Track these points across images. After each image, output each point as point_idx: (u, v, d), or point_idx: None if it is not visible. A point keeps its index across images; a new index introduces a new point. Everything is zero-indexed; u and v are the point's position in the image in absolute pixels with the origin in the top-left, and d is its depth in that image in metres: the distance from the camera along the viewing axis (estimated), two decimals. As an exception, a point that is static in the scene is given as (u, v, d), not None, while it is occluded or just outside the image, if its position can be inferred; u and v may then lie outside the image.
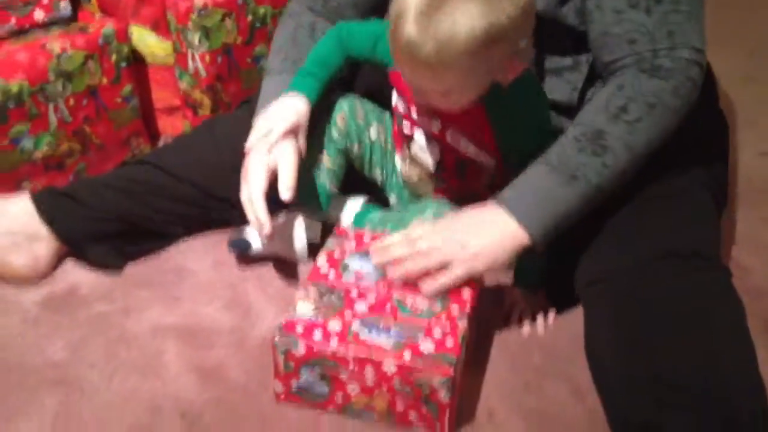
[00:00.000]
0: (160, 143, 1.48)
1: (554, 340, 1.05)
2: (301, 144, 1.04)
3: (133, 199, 1.14)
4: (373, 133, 1.13)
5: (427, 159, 1.06)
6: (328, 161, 1.10)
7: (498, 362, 1.01)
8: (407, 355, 0.86)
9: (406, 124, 1.07)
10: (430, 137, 1.04)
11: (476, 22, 0.82)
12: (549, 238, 0.93)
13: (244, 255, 1.14)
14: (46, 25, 1.33)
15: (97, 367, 0.99)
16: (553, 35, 1.01)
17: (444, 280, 0.92)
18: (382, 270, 0.95)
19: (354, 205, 1.14)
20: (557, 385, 0.98)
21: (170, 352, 1.01)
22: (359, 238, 1.02)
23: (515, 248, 0.92)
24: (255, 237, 1.11)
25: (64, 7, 1.35)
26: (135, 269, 1.15)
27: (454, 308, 0.92)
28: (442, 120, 1.00)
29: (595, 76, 1.03)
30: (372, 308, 0.91)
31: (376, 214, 1.13)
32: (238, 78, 1.44)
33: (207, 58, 1.38)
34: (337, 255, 0.99)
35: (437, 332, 0.89)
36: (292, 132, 1.02)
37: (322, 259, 0.99)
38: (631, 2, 0.93)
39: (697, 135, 1.08)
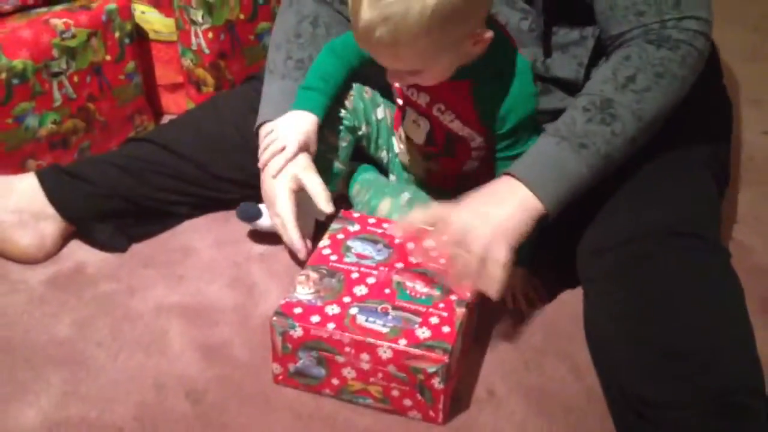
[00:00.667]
0: (163, 120, 1.49)
1: (555, 319, 1.06)
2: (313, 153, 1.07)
3: (135, 177, 1.15)
4: (380, 113, 1.14)
5: (418, 133, 1.06)
6: (336, 140, 1.11)
7: (498, 341, 1.02)
8: (402, 342, 0.87)
9: (399, 101, 1.08)
10: (420, 112, 1.04)
11: (428, 1, 0.84)
12: (561, 207, 0.93)
13: (251, 222, 1.13)
14: (49, 2, 1.33)
15: (103, 345, 1.00)
16: (561, 7, 1.01)
17: (499, 271, 0.89)
18: (384, 251, 0.96)
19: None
20: (557, 364, 1.00)
21: (174, 331, 1.03)
22: (363, 221, 1.03)
23: (534, 219, 0.92)
24: (266, 212, 1.11)
25: (67, -16, 1.35)
26: (140, 248, 1.17)
27: (453, 297, 0.92)
28: (429, 95, 1.01)
29: (599, 55, 1.03)
30: (371, 292, 0.92)
31: (368, 176, 1.15)
32: (242, 55, 1.44)
33: (210, 35, 1.38)
34: (341, 236, 1.00)
35: (434, 319, 0.90)
36: (305, 147, 1.04)
37: (325, 242, 1.00)
38: None
39: (701, 112, 1.08)
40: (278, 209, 1.04)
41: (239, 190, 1.17)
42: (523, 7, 1.03)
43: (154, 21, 1.44)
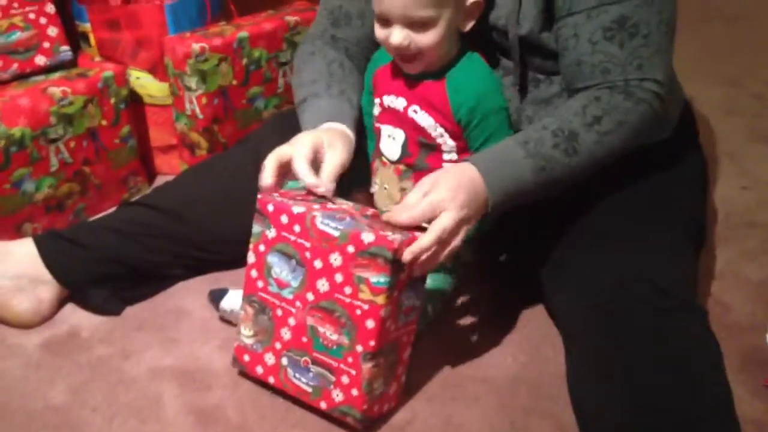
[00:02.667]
0: (157, 181, 1.52)
1: (539, 377, 1.08)
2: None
3: (132, 241, 1.17)
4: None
5: (393, 151, 1.09)
6: None
7: (485, 402, 1.04)
8: (323, 405, 0.97)
9: (377, 122, 1.11)
10: (394, 125, 1.08)
11: None
12: (496, 211, 0.97)
13: (218, 303, 1.15)
14: (47, 70, 1.38)
15: (98, 410, 1.02)
16: (536, 60, 1.06)
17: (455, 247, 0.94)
18: (298, 273, 0.96)
19: None
20: (542, 424, 1.02)
21: (168, 395, 1.05)
22: (277, 220, 0.97)
23: (480, 214, 0.97)
24: (236, 300, 1.12)
25: (65, 52, 1.40)
26: (133, 311, 1.19)
27: (359, 348, 0.94)
28: (406, 98, 1.06)
29: None
30: (293, 337, 0.98)
31: None
32: (234, 119, 1.48)
33: (203, 100, 1.42)
34: (262, 248, 0.99)
35: (345, 379, 0.95)
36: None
37: (251, 257, 1.00)
38: (606, 35, 0.99)
39: (677, 171, 1.13)
40: (293, 146, 0.99)
41: (235, 250, 1.18)
42: (505, 65, 1.08)
43: (149, 86, 1.48)
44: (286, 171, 0.99)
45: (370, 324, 0.92)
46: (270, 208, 0.97)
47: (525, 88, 1.09)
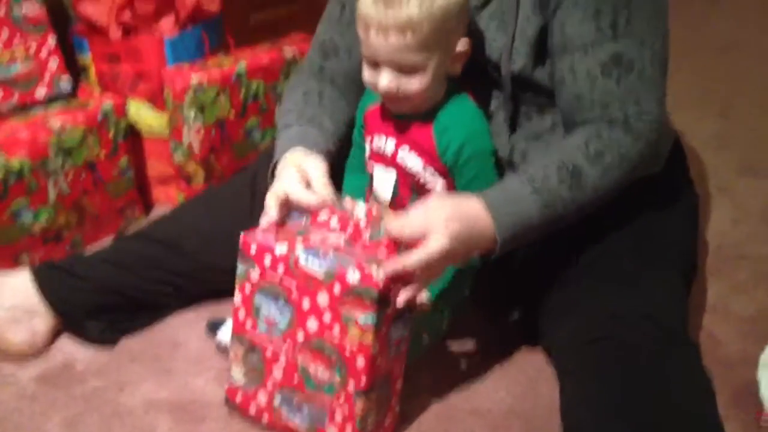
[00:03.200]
0: (154, 212, 1.54)
1: (532, 412, 1.09)
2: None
3: (129, 272, 1.18)
4: None
5: (385, 191, 1.11)
6: None
7: (479, 434, 1.05)
8: None
9: (369, 159, 1.13)
10: (386, 164, 1.09)
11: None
12: (503, 248, 0.98)
13: (216, 332, 1.16)
14: (47, 102, 1.39)
15: (92, 443, 1.02)
16: (527, 93, 1.08)
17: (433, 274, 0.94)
18: (287, 312, 0.97)
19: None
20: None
21: (162, 427, 1.05)
22: (260, 260, 0.98)
23: (483, 248, 0.97)
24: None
25: (65, 84, 1.41)
26: (128, 342, 1.20)
27: (351, 386, 0.94)
28: (396, 138, 1.07)
29: None
30: (285, 376, 0.98)
31: None
32: (231, 150, 1.50)
33: (201, 131, 1.44)
34: (247, 290, 0.99)
35: (338, 416, 0.95)
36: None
37: (237, 297, 1.00)
38: (603, 70, 1.00)
39: (669, 207, 1.15)
40: (283, 181, 1.01)
41: (231, 281, 1.19)
42: (497, 100, 1.10)
43: (147, 117, 1.50)
44: (287, 207, 1.00)
45: (361, 363, 0.93)
46: (253, 250, 0.97)
47: (517, 123, 1.10)
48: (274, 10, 2.13)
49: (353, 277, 0.91)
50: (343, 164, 1.18)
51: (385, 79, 0.99)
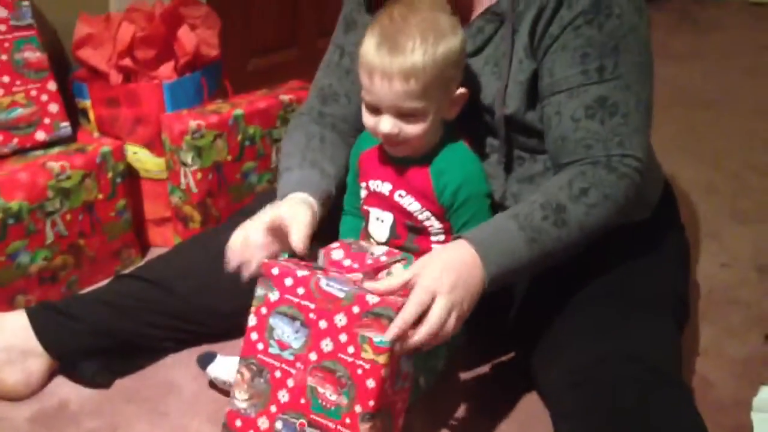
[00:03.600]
0: (150, 254, 1.54)
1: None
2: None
3: (124, 314, 1.18)
4: None
5: (381, 234, 1.12)
6: None
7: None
8: None
9: (365, 206, 1.14)
10: (383, 208, 1.11)
11: (439, 48, 0.99)
12: (493, 286, 0.99)
13: (207, 366, 1.16)
14: (47, 145, 1.41)
15: (85, 485, 1.02)
16: (521, 137, 1.10)
17: (448, 329, 0.94)
18: (301, 334, 0.97)
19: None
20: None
21: (156, 470, 1.04)
22: (281, 283, 0.99)
23: (476, 292, 0.98)
24: (224, 367, 1.14)
25: (65, 128, 1.43)
26: (123, 383, 1.19)
27: (358, 408, 0.94)
28: (392, 182, 1.09)
29: None
30: (291, 399, 0.97)
31: None
32: (227, 193, 1.52)
33: (198, 175, 1.46)
34: (263, 312, 1.00)
35: None
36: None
37: (252, 320, 1.01)
38: (587, 113, 1.03)
39: (661, 251, 1.16)
40: (246, 227, 1.03)
41: (226, 323, 1.20)
42: (490, 143, 1.12)
43: (145, 161, 1.52)
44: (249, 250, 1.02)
45: (371, 383, 0.94)
46: (275, 271, 0.99)
47: (510, 166, 1.13)
48: (272, 56, 2.18)
49: (372, 299, 0.93)
50: (340, 205, 1.20)
51: (386, 125, 1.02)
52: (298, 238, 1.00)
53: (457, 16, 1.04)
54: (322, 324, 0.96)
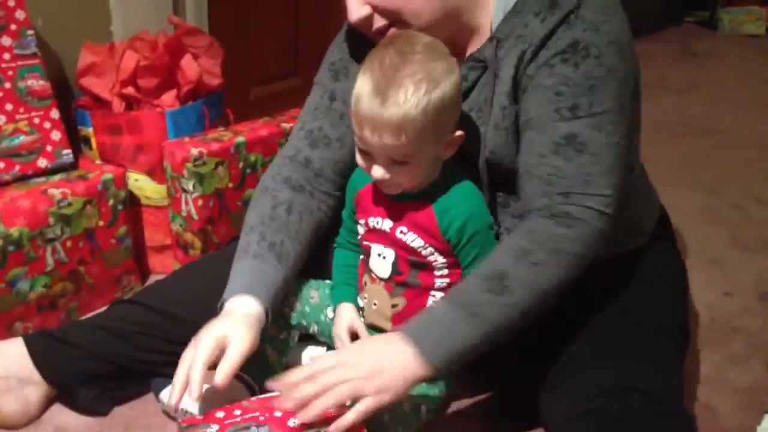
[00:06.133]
0: (150, 280, 1.54)
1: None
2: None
3: (122, 340, 1.17)
4: (329, 312, 1.18)
5: (383, 270, 1.11)
6: (276, 331, 1.17)
7: None
8: None
9: (363, 242, 1.12)
10: (384, 244, 1.09)
11: (433, 95, 0.96)
12: (447, 369, 0.97)
13: (158, 394, 1.14)
14: (48, 172, 1.41)
15: None
16: (502, 181, 1.09)
17: (352, 416, 0.92)
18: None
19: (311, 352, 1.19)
20: None
21: (154, 499, 1.03)
22: (212, 417, 0.96)
23: (417, 379, 0.95)
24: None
25: (67, 155, 1.44)
26: (121, 410, 1.18)
27: None
28: (392, 219, 1.07)
29: None
30: None
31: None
32: (228, 220, 1.52)
33: (200, 202, 1.46)
34: None
35: None
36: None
37: None
38: (554, 149, 1.00)
39: (658, 278, 1.16)
40: (195, 348, 1.00)
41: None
42: (480, 183, 1.11)
43: (146, 188, 1.52)
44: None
45: None
46: (199, 417, 0.97)
47: (501, 205, 1.12)
48: (273, 86, 2.19)
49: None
50: (331, 239, 1.19)
51: (378, 171, 1.00)
52: (222, 373, 0.97)
53: (453, 58, 1.00)
54: (276, 416, 0.94)
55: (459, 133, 1.03)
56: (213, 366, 0.99)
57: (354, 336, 1.11)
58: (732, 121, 2.57)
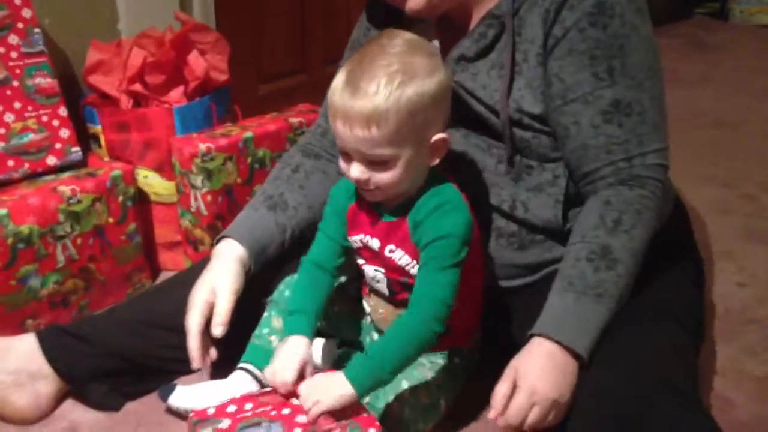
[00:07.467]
0: (161, 277, 1.54)
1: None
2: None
3: (135, 334, 1.17)
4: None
5: (381, 287, 1.09)
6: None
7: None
8: None
9: (359, 260, 1.10)
10: (376, 265, 1.07)
11: (407, 90, 0.92)
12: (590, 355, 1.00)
13: (167, 399, 1.13)
14: (58, 170, 1.41)
15: None
16: (529, 145, 1.09)
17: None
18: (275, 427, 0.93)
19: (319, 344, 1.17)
20: None
21: (166, 494, 1.03)
22: (223, 412, 0.96)
23: (575, 374, 0.99)
24: (184, 396, 1.12)
25: (75, 153, 1.44)
26: (133, 406, 1.18)
27: None
28: (379, 238, 1.04)
29: (570, 199, 1.10)
30: None
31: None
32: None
33: (208, 198, 1.46)
34: None
35: None
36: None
37: None
38: (605, 117, 1.04)
39: (673, 270, 1.15)
40: (187, 318, 1.09)
41: (238, 342, 1.19)
42: (498, 152, 1.11)
43: (155, 184, 1.52)
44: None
45: None
46: (210, 411, 0.95)
47: (519, 175, 1.11)
48: (281, 82, 2.19)
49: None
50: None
51: (355, 171, 0.96)
52: (216, 326, 1.09)
53: (438, 57, 0.97)
54: (285, 410, 0.94)
55: (442, 135, 0.97)
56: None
57: (301, 376, 0.98)
58: (744, 113, 2.55)
